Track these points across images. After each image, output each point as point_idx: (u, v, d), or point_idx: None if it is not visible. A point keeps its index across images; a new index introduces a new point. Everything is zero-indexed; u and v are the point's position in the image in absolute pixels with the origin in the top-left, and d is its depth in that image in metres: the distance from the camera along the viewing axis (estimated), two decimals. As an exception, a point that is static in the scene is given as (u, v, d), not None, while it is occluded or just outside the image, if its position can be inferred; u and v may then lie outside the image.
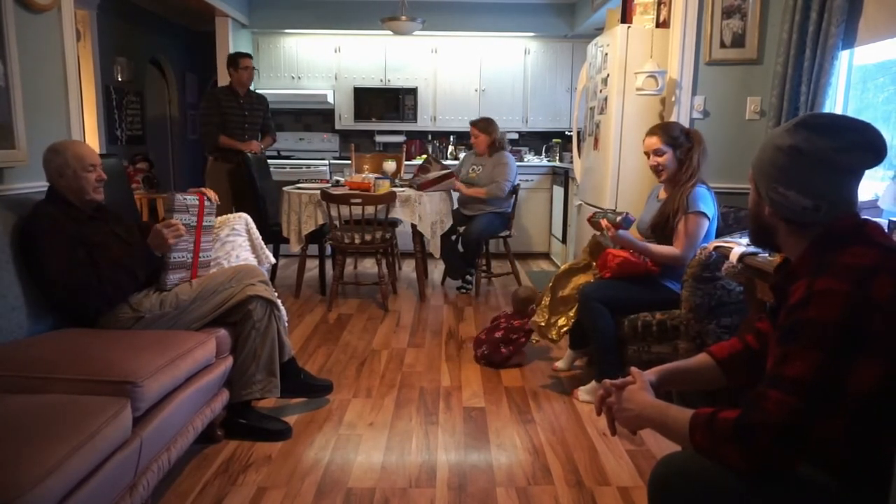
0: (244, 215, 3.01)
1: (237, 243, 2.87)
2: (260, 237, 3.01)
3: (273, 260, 3.01)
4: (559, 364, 3.28)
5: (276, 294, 2.63)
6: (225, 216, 2.95)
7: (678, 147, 2.83)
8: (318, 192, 4.45)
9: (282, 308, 2.64)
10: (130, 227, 2.61)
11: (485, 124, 4.91)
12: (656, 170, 2.89)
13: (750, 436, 1.10)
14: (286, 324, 2.71)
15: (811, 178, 1.21)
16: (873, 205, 2.74)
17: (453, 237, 5.00)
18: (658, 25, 3.89)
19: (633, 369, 1.42)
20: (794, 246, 1.28)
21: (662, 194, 2.99)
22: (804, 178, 1.21)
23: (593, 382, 2.94)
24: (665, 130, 2.86)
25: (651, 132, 2.91)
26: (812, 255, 1.22)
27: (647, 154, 2.92)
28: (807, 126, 1.22)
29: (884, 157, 1.22)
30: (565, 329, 2.93)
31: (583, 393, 2.98)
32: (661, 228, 2.86)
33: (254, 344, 2.48)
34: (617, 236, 2.82)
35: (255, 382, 2.49)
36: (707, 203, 2.76)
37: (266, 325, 2.50)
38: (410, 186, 4.77)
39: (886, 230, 2.30)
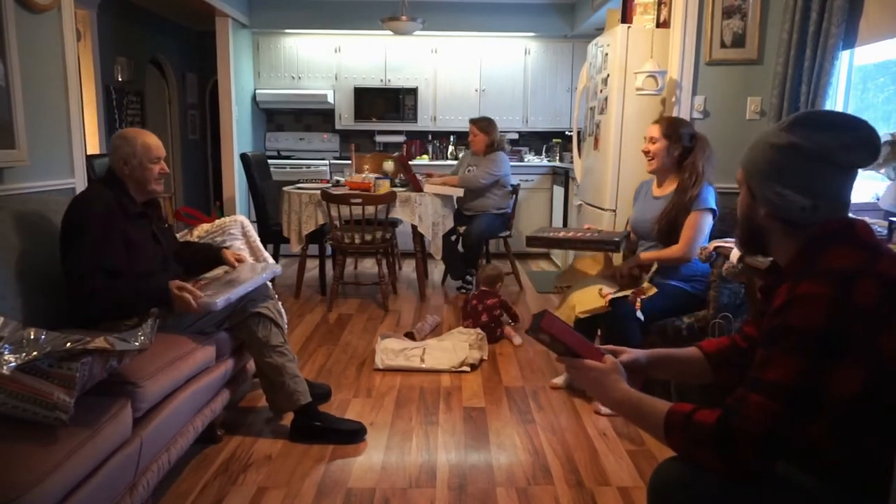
0: (239, 218, 2.97)
1: (235, 247, 2.86)
2: (258, 239, 3.00)
3: (278, 268, 2.80)
4: (557, 381, 3.13)
5: (277, 296, 2.61)
6: (221, 220, 2.93)
7: (675, 142, 2.85)
8: (319, 192, 4.45)
9: (284, 321, 2.60)
10: (167, 229, 2.59)
11: (485, 124, 4.90)
12: (646, 155, 2.93)
13: (730, 442, 1.09)
14: (286, 325, 2.68)
15: (810, 177, 1.19)
16: (874, 206, 2.73)
17: (453, 237, 5.00)
18: (658, 25, 3.88)
19: (608, 357, 1.35)
20: (786, 249, 1.25)
21: (656, 190, 2.99)
22: (803, 177, 1.19)
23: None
24: (669, 123, 2.91)
25: (656, 120, 2.97)
26: (800, 257, 1.20)
27: (644, 138, 2.97)
28: (807, 123, 1.20)
29: (877, 157, 1.21)
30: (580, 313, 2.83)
31: (557, 379, 3.11)
32: (668, 233, 2.84)
33: (273, 361, 2.47)
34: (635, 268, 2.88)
35: (297, 391, 2.48)
36: (711, 200, 2.79)
37: (271, 337, 2.49)
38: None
39: (886, 231, 2.30)
